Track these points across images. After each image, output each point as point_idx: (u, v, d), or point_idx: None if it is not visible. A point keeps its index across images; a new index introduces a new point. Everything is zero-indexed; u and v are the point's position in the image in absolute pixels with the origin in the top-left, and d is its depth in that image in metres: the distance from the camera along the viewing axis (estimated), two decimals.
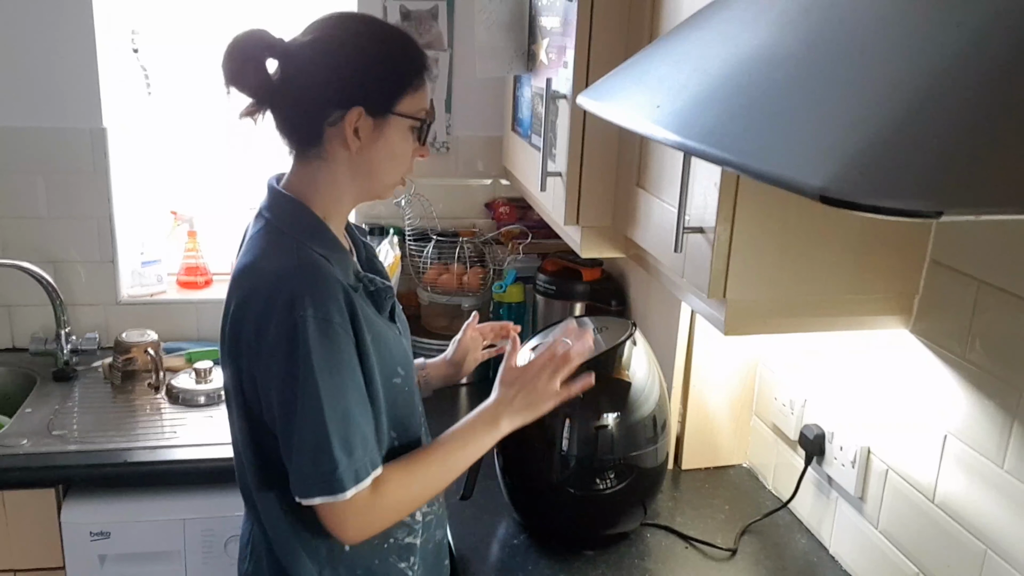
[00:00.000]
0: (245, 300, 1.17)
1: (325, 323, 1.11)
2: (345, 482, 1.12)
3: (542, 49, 1.83)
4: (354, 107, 1.17)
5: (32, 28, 2.12)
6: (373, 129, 1.19)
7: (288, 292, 1.12)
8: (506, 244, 2.37)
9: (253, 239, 1.23)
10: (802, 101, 0.74)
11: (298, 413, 1.11)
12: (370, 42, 1.21)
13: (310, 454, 1.12)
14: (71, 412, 2.01)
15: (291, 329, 1.10)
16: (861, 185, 0.60)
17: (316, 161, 1.22)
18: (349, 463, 1.12)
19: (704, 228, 1.20)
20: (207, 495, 1.85)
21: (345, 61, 1.18)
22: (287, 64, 1.20)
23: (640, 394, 1.50)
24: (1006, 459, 1.15)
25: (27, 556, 1.83)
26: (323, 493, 1.12)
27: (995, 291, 1.16)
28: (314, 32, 1.20)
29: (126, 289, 2.35)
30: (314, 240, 1.20)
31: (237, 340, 1.18)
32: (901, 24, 0.72)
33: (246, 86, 1.20)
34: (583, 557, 1.51)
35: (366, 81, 1.18)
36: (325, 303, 1.12)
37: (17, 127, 2.17)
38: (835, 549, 1.55)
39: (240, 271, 1.21)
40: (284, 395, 1.13)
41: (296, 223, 1.21)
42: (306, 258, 1.17)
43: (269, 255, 1.18)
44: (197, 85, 2.30)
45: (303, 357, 1.10)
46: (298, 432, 1.12)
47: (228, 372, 1.24)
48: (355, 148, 1.19)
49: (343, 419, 1.13)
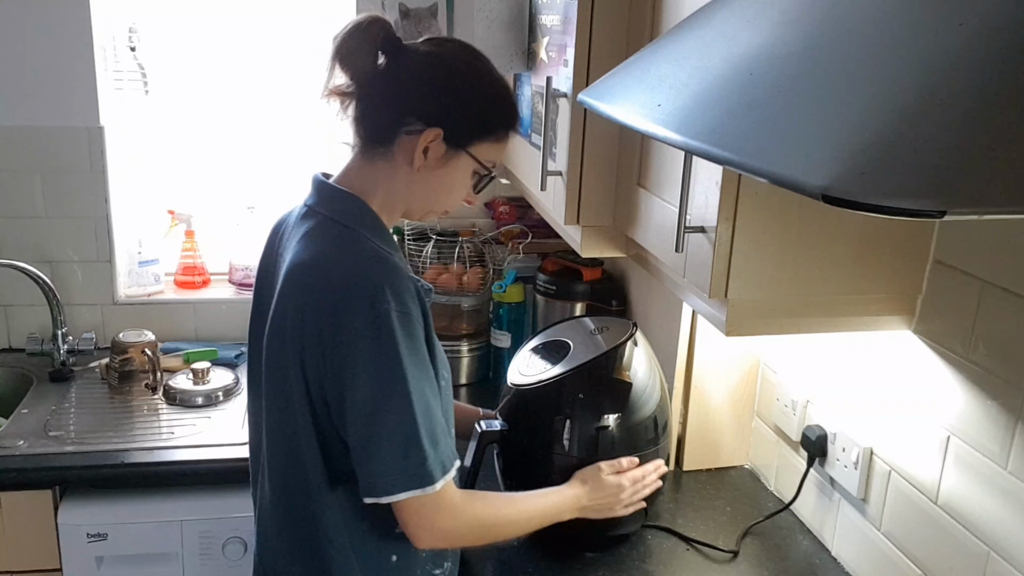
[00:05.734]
0: (315, 295, 1.15)
1: (405, 316, 1.12)
2: (434, 474, 1.12)
3: (542, 47, 1.82)
4: (435, 127, 1.18)
5: (29, 26, 2.11)
6: (442, 156, 1.21)
7: (369, 286, 1.11)
8: (506, 244, 2.36)
9: (310, 234, 1.20)
10: (804, 99, 0.73)
11: (387, 407, 1.11)
12: (480, 77, 1.24)
13: (400, 447, 1.11)
14: (68, 413, 2.00)
15: (375, 323, 1.10)
16: (863, 184, 0.60)
17: (380, 161, 1.23)
18: (436, 455, 1.13)
19: (705, 228, 1.19)
20: (205, 497, 1.84)
21: (449, 82, 1.21)
22: (394, 62, 1.21)
23: (641, 395, 1.49)
24: (1009, 460, 1.15)
25: (24, 558, 1.82)
26: (412, 487, 1.12)
27: (999, 291, 1.15)
28: (432, 46, 1.23)
29: (123, 289, 2.34)
30: (377, 236, 1.20)
31: (302, 336, 1.15)
32: (903, 22, 0.71)
33: (351, 67, 1.21)
34: (584, 559, 1.50)
35: (460, 110, 1.21)
36: (403, 296, 1.13)
37: (14, 126, 2.16)
38: (837, 551, 1.54)
39: (301, 265, 1.18)
40: (370, 390, 1.11)
41: (359, 218, 1.21)
42: (378, 252, 1.17)
43: (337, 249, 1.18)
44: (195, 84, 2.29)
45: (390, 351, 1.10)
46: (386, 426, 1.11)
47: (283, 370, 1.19)
48: (418, 165, 1.21)
49: (427, 411, 1.13)
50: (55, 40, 2.12)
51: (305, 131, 2.38)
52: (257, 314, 1.32)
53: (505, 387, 1.58)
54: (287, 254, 1.23)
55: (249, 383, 1.35)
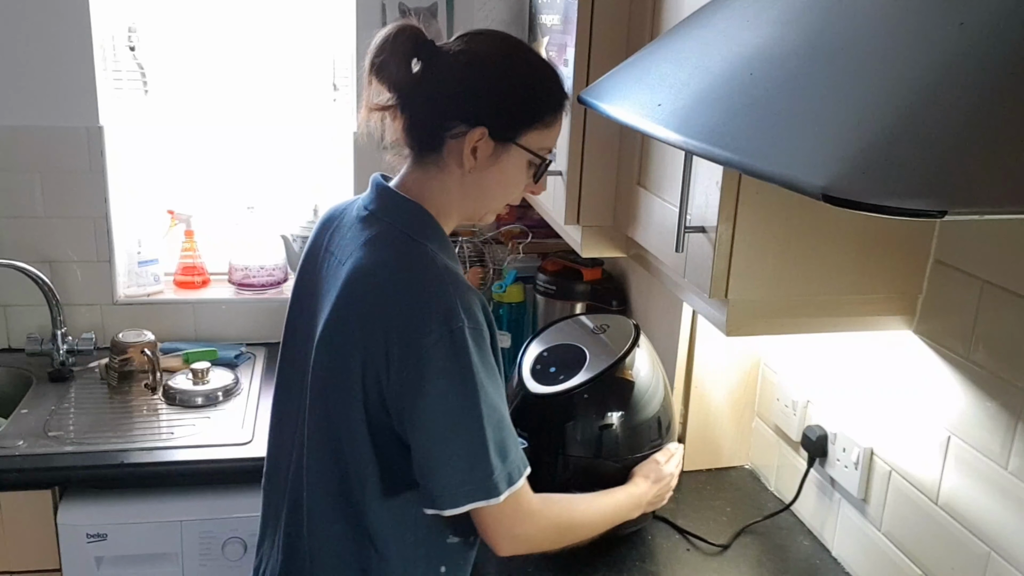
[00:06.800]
0: (384, 308, 1.13)
1: (477, 331, 1.11)
2: (500, 486, 1.12)
3: (542, 47, 1.82)
4: (479, 127, 1.16)
5: (28, 26, 2.11)
6: (492, 153, 1.18)
7: (443, 304, 1.10)
8: (506, 244, 2.36)
9: (376, 242, 1.18)
10: (804, 99, 0.73)
11: (459, 423, 1.10)
12: (514, 67, 1.20)
13: (467, 461, 1.11)
14: (67, 413, 2.00)
15: (450, 341, 1.09)
16: (864, 184, 0.60)
17: (432, 168, 1.21)
18: (503, 467, 1.13)
19: (706, 227, 1.19)
20: (204, 497, 1.84)
21: (483, 79, 1.18)
22: (429, 67, 1.19)
23: (644, 395, 1.49)
24: (1010, 460, 1.14)
25: (23, 558, 1.82)
26: (476, 499, 1.12)
27: (999, 291, 1.15)
28: (464, 43, 1.20)
29: (123, 289, 2.34)
30: (443, 249, 1.19)
31: (364, 345, 1.13)
32: (904, 22, 0.71)
33: (387, 79, 1.19)
34: (585, 559, 1.50)
35: (499, 104, 1.18)
36: (474, 311, 1.12)
37: (13, 125, 2.16)
38: (838, 551, 1.54)
39: (368, 275, 1.16)
40: (443, 405, 1.10)
41: (425, 230, 1.19)
42: (447, 266, 1.16)
43: (407, 263, 1.16)
44: (194, 83, 2.29)
45: (465, 367, 1.09)
46: (457, 441, 1.11)
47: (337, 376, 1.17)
48: (468, 166, 1.18)
49: (499, 423, 1.13)
50: (55, 40, 2.12)
51: (305, 131, 2.38)
52: (298, 307, 1.30)
53: (510, 390, 1.57)
54: (343, 256, 1.21)
55: (281, 378, 1.33)
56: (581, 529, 1.34)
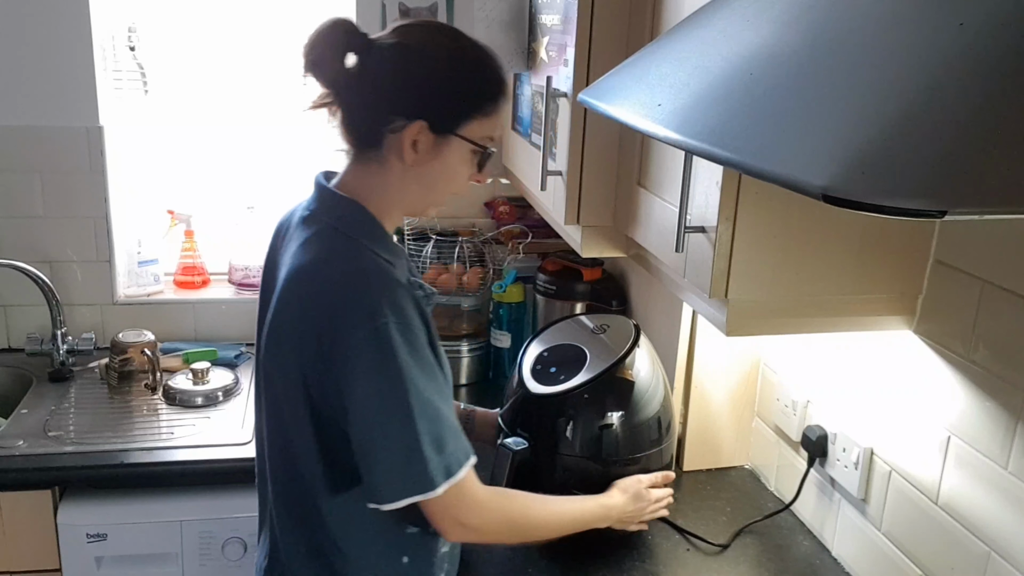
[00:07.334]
0: (313, 306, 1.14)
1: (405, 327, 1.11)
2: (436, 479, 1.12)
3: (542, 47, 1.82)
4: (417, 120, 1.15)
5: (29, 26, 2.11)
6: (432, 146, 1.18)
7: (366, 300, 1.10)
8: (506, 244, 2.36)
9: (311, 242, 1.19)
10: (804, 99, 0.73)
11: (389, 418, 1.11)
12: (450, 58, 1.18)
13: (402, 455, 1.11)
14: (67, 413, 2.00)
15: (374, 337, 1.09)
16: (864, 184, 0.60)
17: (373, 164, 1.20)
18: (440, 460, 1.12)
19: (706, 227, 1.19)
20: (204, 497, 1.84)
21: (419, 71, 1.17)
22: (364, 61, 1.18)
23: (644, 395, 1.49)
24: (1010, 460, 1.14)
25: (23, 558, 1.82)
26: (413, 493, 1.12)
27: (999, 291, 1.15)
28: (399, 35, 1.18)
29: (123, 289, 2.34)
30: (377, 244, 1.19)
31: (300, 345, 1.15)
32: (904, 22, 0.71)
33: (322, 75, 1.18)
34: (584, 559, 1.50)
35: (435, 96, 1.17)
36: (402, 307, 1.11)
37: (13, 125, 2.16)
38: (838, 551, 1.54)
39: (300, 274, 1.17)
40: (372, 401, 1.11)
41: (359, 227, 1.19)
42: (376, 264, 1.16)
43: (337, 260, 1.16)
44: (194, 83, 2.29)
45: (390, 364, 1.09)
46: (389, 436, 1.11)
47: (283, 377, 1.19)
48: (410, 160, 1.18)
49: (433, 417, 1.12)
50: (54, 40, 2.12)
51: (304, 131, 2.38)
52: (262, 315, 1.31)
53: (510, 389, 1.57)
54: (287, 258, 1.22)
55: (256, 380, 1.34)
56: (537, 529, 1.33)
